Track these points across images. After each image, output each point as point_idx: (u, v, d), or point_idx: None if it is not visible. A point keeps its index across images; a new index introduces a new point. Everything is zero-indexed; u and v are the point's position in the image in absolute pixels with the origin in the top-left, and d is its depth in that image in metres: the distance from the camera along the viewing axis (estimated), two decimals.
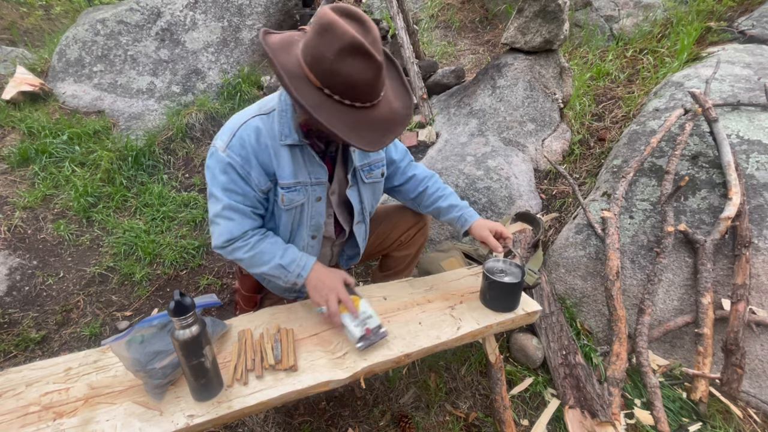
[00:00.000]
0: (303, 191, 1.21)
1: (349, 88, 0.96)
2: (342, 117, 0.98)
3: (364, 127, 1.01)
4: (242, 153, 1.12)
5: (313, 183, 1.22)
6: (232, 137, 1.12)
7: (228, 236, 1.17)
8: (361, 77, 0.94)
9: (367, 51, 0.92)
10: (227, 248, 1.19)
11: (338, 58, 0.92)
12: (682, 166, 2.13)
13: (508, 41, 3.01)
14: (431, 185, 1.48)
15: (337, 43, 0.91)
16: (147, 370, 0.94)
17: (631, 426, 1.59)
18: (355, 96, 0.98)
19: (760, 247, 1.80)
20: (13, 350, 1.82)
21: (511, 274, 1.35)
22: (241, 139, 1.12)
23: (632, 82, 3.43)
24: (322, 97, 0.97)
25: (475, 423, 1.59)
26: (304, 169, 1.19)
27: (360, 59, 0.92)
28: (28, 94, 3.10)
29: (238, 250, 1.18)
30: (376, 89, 1.00)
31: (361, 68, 0.93)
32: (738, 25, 3.61)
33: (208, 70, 3.40)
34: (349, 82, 0.95)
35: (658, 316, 1.89)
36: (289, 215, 1.24)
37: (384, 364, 1.13)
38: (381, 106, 1.05)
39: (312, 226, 1.30)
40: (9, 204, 2.45)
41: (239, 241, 1.19)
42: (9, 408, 0.93)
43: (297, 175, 1.18)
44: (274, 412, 1.57)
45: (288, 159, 1.16)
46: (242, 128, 1.13)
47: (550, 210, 2.54)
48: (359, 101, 0.99)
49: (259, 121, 1.14)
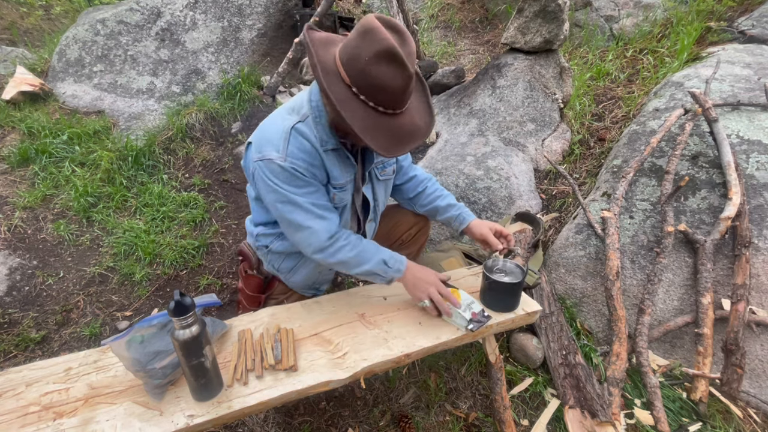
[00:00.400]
0: (348, 190, 1.26)
1: (376, 90, 1.00)
2: (364, 117, 1.02)
3: (382, 132, 1.04)
4: (304, 157, 1.13)
5: (349, 181, 1.27)
6: (287, 144, 1.12)
7: (327, 234, 1.18)
8: (390, 83, 0.99)
9: (401, 59, 0.96)
10: (330, 248, 1.19)
11: (373, 61, 0.96)
12: (682, 166, 2.13)
13: (508, 41, 3.01)
14: (430, 186, 1.52)
15: (375, 46, 0.95)
16: (147, 370, 0.94)
17: (631, 426, 1.59)
18: (380, 100, 1.01)
19: (760, 247, 1.80)
20: (13, 350, 1.82)
21: (511, 274, 1.35)
22: (297, 144, 1.13)
23: (632, 82, 3.43)
24: (350, 94, 1.02)
25: (475, 423, 1.59)
26: (342, 169, 1.23)
27: (393, 66, 0.97)
28: (28, 94, 3.10)
29: (342, 249, 1.19)
30: (402, 98, 1.04)
31: (392, 74, 0.98)
32: (738, 25, 3.61)
33: (208, 70, 3.40)
34: (377, 84, 0.99)
35: (658, 316, 1.89)
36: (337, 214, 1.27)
37: (384, 364, 1.14)
38: (404, 116, 1.08)
39: (344, 222, 1.33)
40: (9, 204, 2.45)
41: (341, 239, 1.20)
42: (9, 408, 0.93)
43: (343, 176, 1.23)
44: (274, 412, 1.57)
45: (334, 161, 1.20)
46: (294, 134, 1.14)
47: (550, 210, 2.54)
48: (383, 106, 1.03)
49: (303, 126, 1.15)
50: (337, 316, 1.30)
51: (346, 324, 1.26)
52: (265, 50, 3.68)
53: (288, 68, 3.36)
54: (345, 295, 1.41)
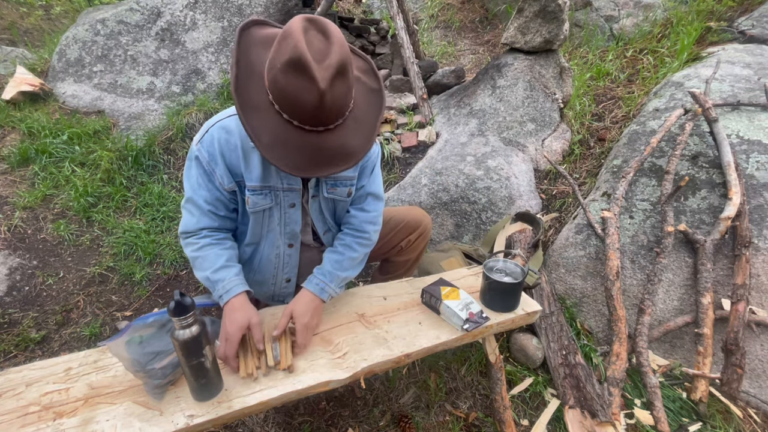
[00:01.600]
0: (271, 196, 1.18)
1: (286, 102, 0.92)
2: (276, 129, 0.94)
3: (294, 148, 0.95)
4: (210, 150, 1.12)
5: (285, 189, 1.18)
6: (205, 133, 1.13)
7: (183, 228, 1.19)
8: (299, 95, 0.89)
9: (310, 72, 0.86)
10: (182, 241, 1.20)
11: (282, 69, 0.88)
12: (682, 166, 2.13)
13: (508, 41, 3.01)
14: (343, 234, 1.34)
15: (286, 54, 0.87)
16: (146, 371, 0.94)
17: (631, 426, 1.59)
18: (293, 113, 0.92)
19: (760, 247, 1.80)
20: (13, 350, 1.82)
21: (511, 274, 1.35)
22: (211, 136, 1.12)
23: (632, 82, 3.43)
24: (267, 102, 0.95)
25: (475, 423, 1.59)
26: (276, 173, 1.15)
27: (301, 77, 0.87)
28: (28, 94, 3.10)
29: (188, 245, 1.18)
30: (317, 115, 0.92)
31: (299, 87, 0.88)
32: (738, 25, 3.61)
33: (208, 70, 3.40)
34: (285, 96, 0.91)
35: (658, 316, 1.89)
36: (257, 219, 1.21)
37: (384, 364, 1.13)
38: (330, 135, 0.97)
39: (287, 234, 1.26)
40: (9, 204, 2.45)
41: (192, 237, 1.19)
42: (9, 408, 0.93)
43: (266, 179, 1.15)
44: (274, 412, 1.57)
45: (258, 162, 1.13)
46: (215, 126, 1.13)
47: (550, 210, 2.54)
48: (298, 120, 0.93)
49: (234, 121, 1.13)
50: (337, 316, 1.30)
51: (346, 324, 1.26)
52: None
53: None
54: (345, 295, 1.41)
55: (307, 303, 1.20)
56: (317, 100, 0.89)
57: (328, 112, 0.93)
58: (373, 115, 1.06)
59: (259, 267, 1.31)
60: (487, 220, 2.37)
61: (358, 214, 1.33)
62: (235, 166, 1.14)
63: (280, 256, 1.29)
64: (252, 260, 1.31)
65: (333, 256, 1.29)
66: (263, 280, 1.34)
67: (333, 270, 1.26)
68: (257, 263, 1.31)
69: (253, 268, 1.32)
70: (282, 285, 1.37)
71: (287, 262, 1.32)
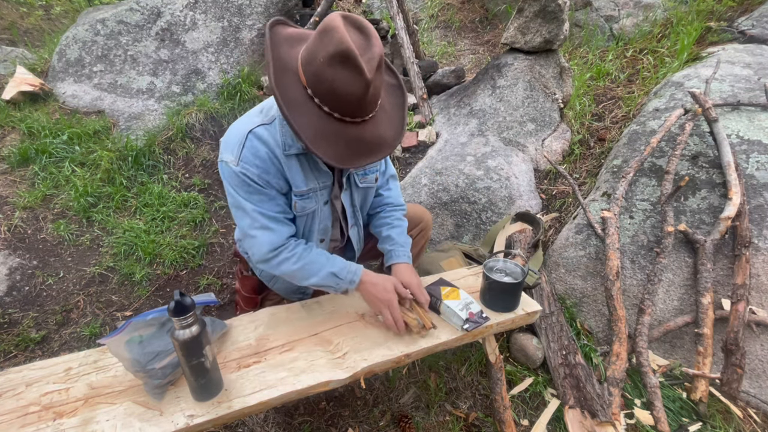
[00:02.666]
0: (314, 198, 1.20)
1: (331, 95, 0.93)
2: (317, 122, 0.96)
3: (337, 140, 0.97)
4: (257, 163, 1.08)
5: (321, 188, 1.21)
6: (242, 149, 1.07)
7: (270, 246, 1.13)
8: (345, 88, 0.91)
9: (358, 63, 0.89)
10: (272, 261, 1.15)
11: (327, 63, 0.90)
12: (682, 166, 2.13)
13: (508, 41, 3.01)
14: (387, 212, 1.43)
15: (331, 47, 0.89)
16: (147, 371, 0.94)
17: (631, 426, 1.59)
18: (336, 106, 0.94)
19: (760, 247, 1.80)
20: (13, 350, 1.82)
21: (511, 274, 1.35)
22: (252, 149, 1.08)
23: (632, 82, 3.43)
24: (305, 97, 0.96)
25: (475, 423, 1.59)
26: (312, 175, 1.18)
27: (348, 69, 0.89)
28: (28, 94, 3.10)
29: (286, 261, 1.15)
30: (361, 106, 0.95)
31: (346, 79, 0.90)
32: (738, 25, 3.61)
33: (208, 70, 3.40)
34: (331, 89, 0.92)
35: (658, 316, 1.89)
36: (302, 221, 1.24)
37: (384, 364, 1.14)
38: (366, 126, 1.00)
39: (321, 230, 1.30)
40: (9, 204, 2.45)
41: (285, 252, 1.15)
42: (9, 408, 0.93)
43: (308, 182, 1.17)
44: (274, 412, 1.57)
45: (297, 167, 1.14)
46: (250, 138, 1.08)
47: (550, 210, 2.54)
48: (339, 112, 0.96)
49: (264, 130, 1.10)
50: (337, 316, 1.30)
51: (346, 324, 1.26)
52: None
53: None
54: (345, 295, 1.41)
55: (406, 269, 1.31)
56: (363, 91, 0.92)
57: (369, 103, 0.97)
58: (399, 106, 1.12)
59: None
60: (487, 220, 2.37)
61: (389, 193, 1.45)
62: (283, 171, 1.13)
63: None
64: None
65: (396, 230, 1.38)
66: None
67: (403, 241, 1.37)
68: None
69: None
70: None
71: None
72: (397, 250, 1.34)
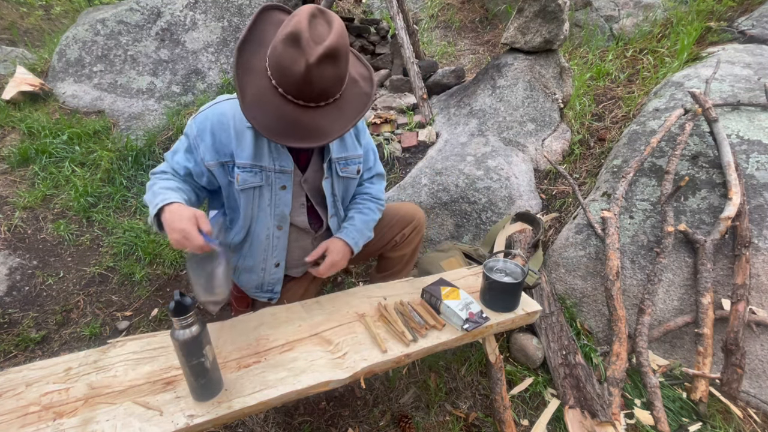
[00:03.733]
0: (261, 175, 1.22)
1: (276, 68, 1.02)
2: (261, 91, 1.04)
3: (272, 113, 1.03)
4: (200, 127, 1.18)
5: (277, 170, 1.24)
6: (201, 111, 1.21)
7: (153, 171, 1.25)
8: (286, 64, 0.99)
9: (301, 46, 0.96)
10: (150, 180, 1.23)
11: (280, 40, 1.00)
12: (682, 166, 2.13)
13: (508, 41, 3.01)
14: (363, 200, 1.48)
15: (288, 28, 0.99)
16: None
17: (631, 426, 1.59)
18: (280, 80, 1.02)
19: (760, 247, 1.80)
20: (13, 350, 1.82)
21: (511, 274, 1.35)
22: (205, 115, 1.19)
23: (632, 82, 3.43)
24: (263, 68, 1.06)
25: (475, 423, 1.59)
26: (268, 154, 1.22)
27: (293, 49, 0.98)
28: (28, 94, 3.10)
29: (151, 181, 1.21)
30: (301, 89, 1.01)
31: (290, 57, 0.98)
32: (738, 25, 3.61)
33: (208, 70, 3.40)
34: (278, 63, 1.01)
35: (658, 316, 1.89)
36: (247, 198, 1.24)
37: (384, 364, 1.14)
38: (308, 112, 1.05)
39: (276, 216, 1.30)
40: (9, 204, 2.45)
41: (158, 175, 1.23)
42: (9, 408, 0.93)
43: (258, 157, 1.21)
44: (274, 412, 1.57)
45: (251, 141, 1.19)
46: (212, 107, 1.20)
47: (550, 210, 2.54)
48: (283, 88, 1.03)
49: (229, 103, 1.21)
50: (337, 316, 1.30)
51: (346, 324, 1.26)
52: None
53: None
54: (345, 295, 1.41)
55: (341, 246, 1.35)
56: (304, 73, 0.98)
57: (312, 89, 1.02)
58: (356, 110, 1.14)
59: (250, 250, 1.35)
60: (487, 220, 2.37)
61: (371, 186, 1.51)
62: (225, 145, 1.19)
63: (270, 238, 1.32)
64: (243, 244, 1.34)
65: (362, 216, 1.42)
66: (254, 264, 1.37)
67: (363, 228, 1.41)
68: (248, 247, 1.34)
69: (243, 253, 1.36)
70: (271, 270, 1.39)
71: (276, 244, 1.35)
72: (348, 229, 1.38)
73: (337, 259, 1.33)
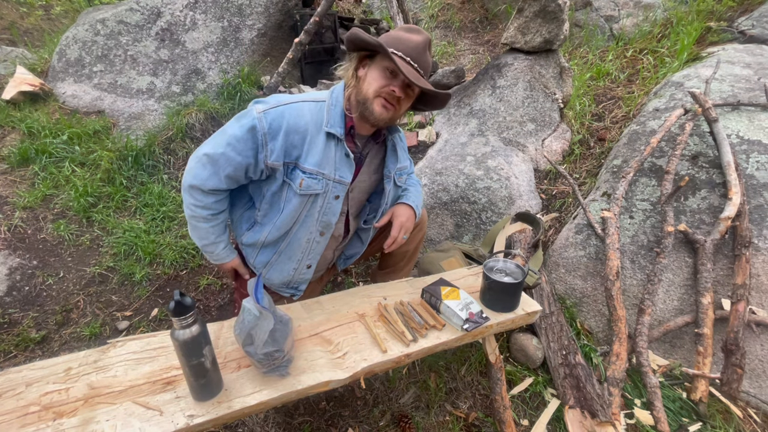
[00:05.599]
0: (322, 183, 1.24)
1: (399, 42, 1.17)
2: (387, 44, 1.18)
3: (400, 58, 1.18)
4: (274, 124, 1.17)
5: (336, 180, 1.26)
6: (274, 107, 1.19)
7: (192, 181, 1.22)
8: (409, 37, 1.19)
9: (418, 29, 1.23)
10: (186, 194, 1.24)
11: (399, 30, 1.22)
12: (682, 166, 2.13)
13: (508, 41, 3.01)
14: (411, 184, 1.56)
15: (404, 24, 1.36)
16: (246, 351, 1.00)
17: (631, 426, 1.59)
18: (401, 47, 1.17)
19: (760, 247, 1.80)
20: (13, 350, 1.82)
21: (511, 274, 1.35)
22: (281, 113, 1.18)
23: (632, 82, 3.43)
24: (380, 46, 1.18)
25: (475, 423, 1.59)
26: (333, 164, 1.24)
27: (412, 31, 1.22)
28: (28, 94, 3.10)
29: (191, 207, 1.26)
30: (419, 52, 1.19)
31: (411, 34, 1.20)
32: (738, 25, 3.61)
33: (208, 70, 3.40)
34: (400, 38, 1.18)
35: (658, 316, 1.89)
36: (301, 202, 1.25)
37: (384, 364, 1.14)
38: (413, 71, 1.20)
39: (322, 222, 1.32)
40: (9, 204, 2.45)
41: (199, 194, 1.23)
42: (9, 408, 0.93)
43: (323, 165, 1.22)
44: (274, 412, 1.57)
45: (321, 147, 1.21)
46: (288, 106, 1.20)
47: (550, 210, 2.54)
48: (403, 52, 1.17)
49: (307, 106, 1.22)
50: (337, 316, 1.30)
51: (346, 324, 1.26)
52: (265, 50, 3.68)
53: (288, 68, 3.36)
54: (345, 295, 1.41)
55: (405, 209, 1.43)
56: (425, 44, 1.20)
57: (425, 60, 1.21)
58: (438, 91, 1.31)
59: (287, 249, 1.36)
60: (487, 220, 2.37)
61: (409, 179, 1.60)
62: (296, 147, 1.20)
63: (310, 242, 1.35)
64: (280, 242, 1.35)
65: (414, 189, 1.52)
66: (287, 262, 1.38)
67: (418, 196, 1.51)
68: (285, 245, 1.35)
69: (278, 250, 1.36)
70: (303, 271, 1.42)
71: (314, 248, 1.37)
72: (408, 196, 1.48)
73: (404, 220, 1.39)
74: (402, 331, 1.21)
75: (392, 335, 1.22)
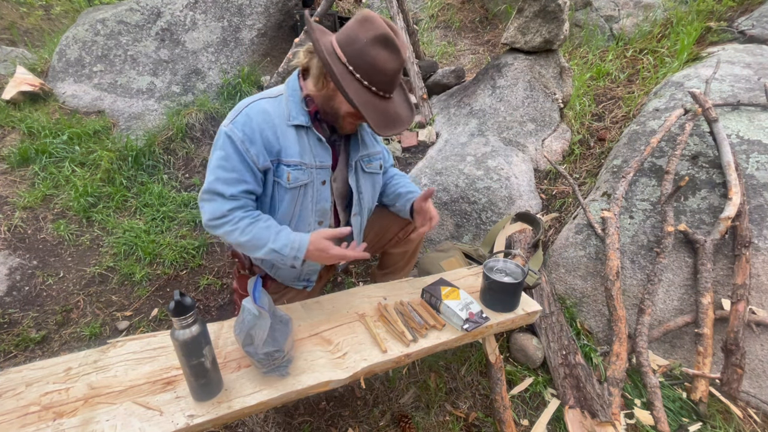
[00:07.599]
0: (307, 172, 1.24)
1: (371, 69, 1.08)
2: (359, 93, 1.10)
3: (375, 109, 1.12)
4: (245, 129, 1.15)
5: (318, 166, 1.26)
6: (237, 115, 1.18)
7: (210, 216, 1.18)
8: (384, 64, 1.08)
9: (396, 45, 1.08)
10: (217, 230, 1.20)
11: (370, 43, 1.06)
12: (682, 166, 2.13)
13: (508, 41, 3.01)
14: (397, 178, 1.57)
15: (374, 31, 1.06)
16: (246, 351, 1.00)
17: (631, 426, 1.59)
18: (374, 80, 1.10)
19: (760, 247, 1.80)
20: (13, 350, 1.82)
21: (511, 274, 1.35)
22: (246, 116, 1.17)
23: (632, 82, 3.43)
24: (346, 72, 1.10)
25: (475, 423, 1.59)
26: (309, 151, 1.23)
27: (388, 50, 1.08)
28: (28, 94, 3.10)
29: (232, 233, 1.18)
30: (393, 83, 1.13)
31: (386, 57, 1.08)
32: (738, 25, 3.61)
33: (208, 70, 3.40)
34: (373, 64, 1.08)
35: (658, 316, 1.89)
36: (293, 196, 1.25)
37: (384, 364, 1.14)
38: (390, 102, 1.17)
39: (317, 211, 1.31)
40: (9, 204, 2.45)
41: (228, 225, 1.17)
42: (9, 408, 0.93)
43: (302, 155, 1.22)
44: (274, 412, 1.57)
45: (294, 139, 1.20)
46: (249, 107, 1.19)
47: (550, 210, 2.54)
48: (376, 86, 1.11)
49: (267, 102, 1.21)
50: (337, 316, 1.30)
51: (346, 324, 1.26)
52: (265, 50, 3.68)
53: (288, 68, 3.36)
54: (345, 295, 1.41)
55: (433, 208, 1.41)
56: (397, 69, 1.11)
57: (397, 80, 1.15)
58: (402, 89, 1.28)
59: None
60: (487, 220, 2.37)
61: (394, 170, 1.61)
62: (272, 143, 1.18)
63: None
64: None
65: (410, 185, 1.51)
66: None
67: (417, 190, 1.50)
68: None
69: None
70: (310, 263, 1.38)
71: None
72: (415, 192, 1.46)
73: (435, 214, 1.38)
74: (402, 331, 1.21)
75: (392, 335, 1.22)
